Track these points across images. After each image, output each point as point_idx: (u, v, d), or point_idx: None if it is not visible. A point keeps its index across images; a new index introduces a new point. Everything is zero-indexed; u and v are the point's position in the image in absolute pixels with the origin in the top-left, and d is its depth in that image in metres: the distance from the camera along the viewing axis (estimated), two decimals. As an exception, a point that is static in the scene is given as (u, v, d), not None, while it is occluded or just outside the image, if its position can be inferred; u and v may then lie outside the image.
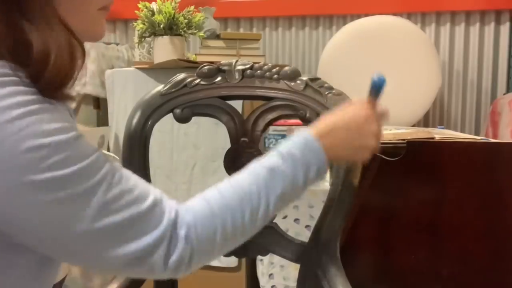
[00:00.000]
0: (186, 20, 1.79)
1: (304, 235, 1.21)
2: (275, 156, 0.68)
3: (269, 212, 0.65)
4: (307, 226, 1.35)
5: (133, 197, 0.58)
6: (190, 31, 1.80)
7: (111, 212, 0.56)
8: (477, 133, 2.32)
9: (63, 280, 1.39)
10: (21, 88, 0.53)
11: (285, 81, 0.98)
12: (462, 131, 2.35)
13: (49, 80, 0.55)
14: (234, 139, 1.00)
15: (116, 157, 0.77)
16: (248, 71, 1.00)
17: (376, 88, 0.75)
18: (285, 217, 1.36)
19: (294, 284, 1.00)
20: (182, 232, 0.59)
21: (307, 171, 0.68)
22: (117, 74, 1.82)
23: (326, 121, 0.73)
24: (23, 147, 0.51)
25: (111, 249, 0.56)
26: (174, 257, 0.59)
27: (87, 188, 0.54)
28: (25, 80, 0.54)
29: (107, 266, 0.59)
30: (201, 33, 1.85)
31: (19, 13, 0.55)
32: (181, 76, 1.00)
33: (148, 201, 0.59)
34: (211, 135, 1.68)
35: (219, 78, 1.00)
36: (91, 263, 0.59)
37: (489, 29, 2.32)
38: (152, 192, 0.60)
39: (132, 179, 0.60)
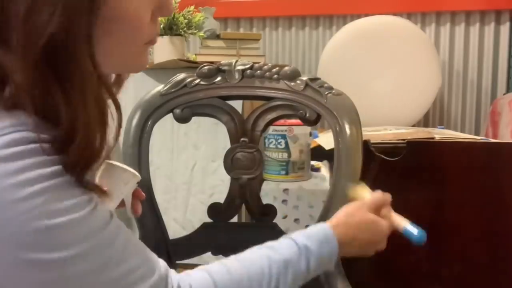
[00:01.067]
0: (186, 20, 1.79)
1: (304, 235, 1.21)
2: (293, 247, 0.70)
3: None
4: (307, 226, 1.34)
5: (143, 272, 0.55)
6: (190, 31, 1.80)
7: None
8: (477, 133, 2.32)
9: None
10: (42, 158, 0.48)
11: (285, 81, 0.98)
12: (462, 131, 2.35)
13: (72, 159, 0.50)
14: (234, 139, 1.00)
15: (137, 173, 0.74)
16: (248, 71, 0.99)
17: (416, 242, 0.82)
18: (285, 217, 1.36)
19: (294, 284, 1.00)
20: None
21: (317, 268, 0.71)
22: (117, 74, 1.82)
23: (348, 226, 0.77)
24: (33, 226, 0.47)
25: None
26: None
27: (100, 264, 0.51)
28: (48, 148, 0.49)
29: None
30: (201, 33, 1.85)
31: (54, 76, 0.49)
32: (181, 76, 1.00)
33: (156, 276, 0.56)
34: (211, 135, 1.68)
35: (219, 78, 1.00)
36: None
37: (489, 29, 2.32)
38: (158, 265, 0.58)
39: (140, 247, 0.57)
